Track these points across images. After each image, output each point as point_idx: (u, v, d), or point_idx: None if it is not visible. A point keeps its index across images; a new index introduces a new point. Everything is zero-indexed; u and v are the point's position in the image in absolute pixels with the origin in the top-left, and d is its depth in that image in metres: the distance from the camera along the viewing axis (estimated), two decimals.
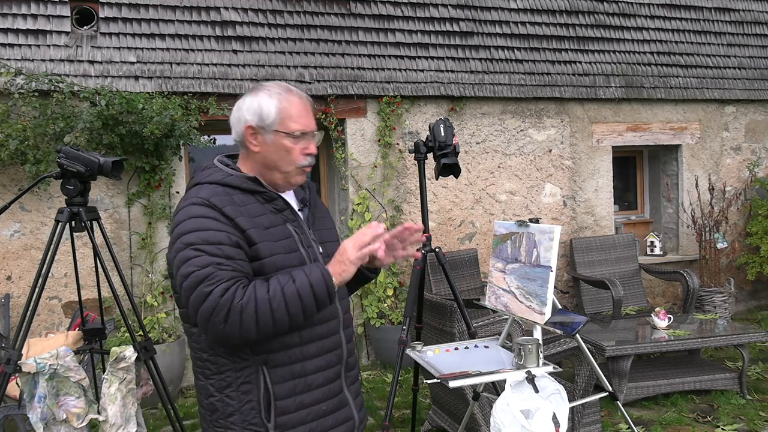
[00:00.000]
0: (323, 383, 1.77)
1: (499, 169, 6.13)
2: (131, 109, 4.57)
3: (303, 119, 1.76)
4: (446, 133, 3.34)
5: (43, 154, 4.55)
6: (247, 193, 1.74)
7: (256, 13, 5.33)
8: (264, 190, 1.76)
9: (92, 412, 2.91)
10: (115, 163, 2.94)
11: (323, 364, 1.77)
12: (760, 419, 4.11)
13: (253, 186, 1.74)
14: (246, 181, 1.74)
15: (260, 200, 1.75)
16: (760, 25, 7.11)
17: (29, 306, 2.88)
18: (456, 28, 5.90)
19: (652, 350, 4.42)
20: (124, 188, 5.01)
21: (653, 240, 6.76)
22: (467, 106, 5.99)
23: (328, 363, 1.79)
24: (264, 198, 1.75)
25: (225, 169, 1.77)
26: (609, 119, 6.53)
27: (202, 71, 5.15)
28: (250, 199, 1.73)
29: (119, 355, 2.91)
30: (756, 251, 6.62)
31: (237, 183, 1.73)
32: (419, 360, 2.38)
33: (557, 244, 2.13)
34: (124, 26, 4.99)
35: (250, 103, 1.75)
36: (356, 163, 5.65)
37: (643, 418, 4.19)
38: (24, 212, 4.80)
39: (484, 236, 6.04)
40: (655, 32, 6.66)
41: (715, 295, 6.15)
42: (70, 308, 4.86)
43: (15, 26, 4.72)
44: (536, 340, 2.12)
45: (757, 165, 7.06)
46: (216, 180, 1.74)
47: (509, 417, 1.96)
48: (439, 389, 3.87)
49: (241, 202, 1.70)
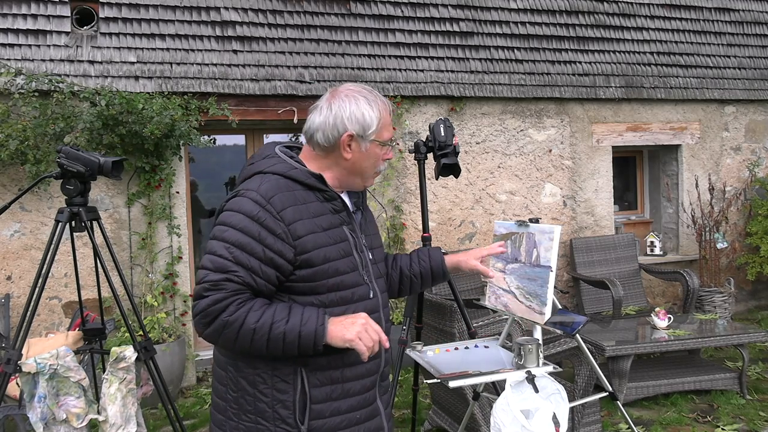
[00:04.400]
0: (360, 391, 1.76)
1: (499, 169, 6.13)
2: (131, 109, 4.57)
3: (391, 129, 1.82)
4: (446, 133, 3.33)
5: (43, 154, 4.55)
6: (309, 189, 1.71)
7: (256, 13, 5.33)
8: (326, 189, 1.73)
9: (92, 412, 2.91)
10: (115, 163, 2.94)
11: (362, 372, 1.76)
12: (760, 419, 4.11)
13: (315, 183, 1.72)
14: (309, 177, 1.71)
15: (320, 198, 1.72)
16: (760, 25, 7.11)
17: (29, 306, 2.88)
18: (456, 28, 5.90)
19: (652, 350, 4.42)
20: (124, 188, 5.01)
21: (653, 240, 6.76)
22: (467, 106, 5.99)
23: (368, 372, 1.78)
24: (324, 197, 1.73)
25: (289, 161, 1.75)
26: (609, 119, 6.53)
27: (202, 71, 5.15)
28: (311, 196, 1.71)
29: (119, 355, 2.91)
30: (756, 251, 6.62)
31: (301, 177, 1.71)
32: (419, 360, 2.38)
33: (557, 244, 2.13)
34: (124, 26, 4.99)
35: (353, 111, 1.72)
36: None
37: (643, 418, 4.19)
38: (24, 212, 4.80)
39: (484, 236, 6.04)
40: (655, 32, 6.66)
41: (715, 295, 6.15)
42: (70, 308, 4.86)
43: (15, 26, 4.73)
44: (536, 340, 2.12)
45: (757, 165, 7.06)
46: (280, 171, 1.71)
47: (509, 417, 1.96)
48: (439, 389, 3.87)
49: (303, 200, 1.69)
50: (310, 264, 1.65)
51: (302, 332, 1.59)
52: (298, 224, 1.64)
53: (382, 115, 1.75)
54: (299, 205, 1.67)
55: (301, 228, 1.64)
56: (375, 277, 1.84)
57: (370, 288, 1.80)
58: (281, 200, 1.64)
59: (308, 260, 1.65)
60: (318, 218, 1.69)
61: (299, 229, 1.64)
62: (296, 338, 1.59)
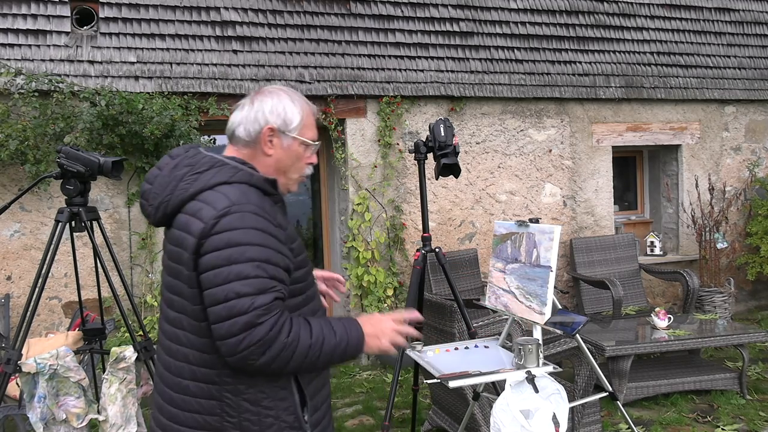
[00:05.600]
0: (330, 374, 1.84)
1: (499, 169, 6.13)
2: (131, 110, 4.57)
3: (315, 130, 1.79)
4: (446, 133, 3.34)
5: (43, 154, 4.55)
6: (265, 194, 1.68)
7: (256, 13, 5.33)
8: (277, 192, 1.72)
9: (92, 412, 2.91)
10: (115, 163, 2.94)
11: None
12: (760, 419, 4.11)
13: (270, 188, 1.68)
14: (265, 183, 1.67)
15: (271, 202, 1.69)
16: (760, 25, 7.11)
17: (29, 306, 2.88)
18: (456, 28, 5.90)
19: (652, 350, 4.42)
20: (124, 188, 5.01)
21: (653, 240, 6.76)
22: (467, 106, 5.99)
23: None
24: (274, 200, 1.71)
25: (245, 168, 1.68)
26: (609, 119, 6.53)
27: (202, 71, 5.15)
28: (268, 202, 1.68)
29: (119, 355, 2.91)
30: (756, 251, 6.62)
31: (260, 184, 1.66)
32: (419, 360, 2.38)
33: (557, 244, 2.13)
34: (124, 26, 4.99)
35: (274, 105, 1.71)
36: (356, 163, 5.65)
37: (643, 418, 4.19)
38: (24, 212, 4.80)
39: (484, 236, 6.04)
40: (655, 32, 6.66)
41: (715, 295, 6.15)
42: (70, 308, 4.86)
43: (15, 26, 4.72)
44: (536, 340, 2.13)
45: (757, 165, 7.06)
46: (245, 180, 1.64)
47: (509, 417, 1.96)
48: (439, 389, 3.87)
49: (269, 205, 1.66)
50: (301, 265, 1.69)
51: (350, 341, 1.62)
52: (289, 228, 1.68)
53: (304, 113, 1.74)
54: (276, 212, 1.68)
55: (291, 231, 1.68)
56: None
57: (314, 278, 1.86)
58: (268, 208, 1.63)
59: (302, 261, 1.70)
60: (282, 221, 1.70)
61: (290, 232, 1.67)
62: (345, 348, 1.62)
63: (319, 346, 1.57)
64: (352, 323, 1.65)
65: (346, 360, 1.64)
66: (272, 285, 1.53)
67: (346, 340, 1.61)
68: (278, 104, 1.71)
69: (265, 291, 1.51)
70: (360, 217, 5.61)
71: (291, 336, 1.52)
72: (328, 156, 5.89)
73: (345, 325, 1.64)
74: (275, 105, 1.71)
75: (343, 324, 1.64)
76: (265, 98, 1.72)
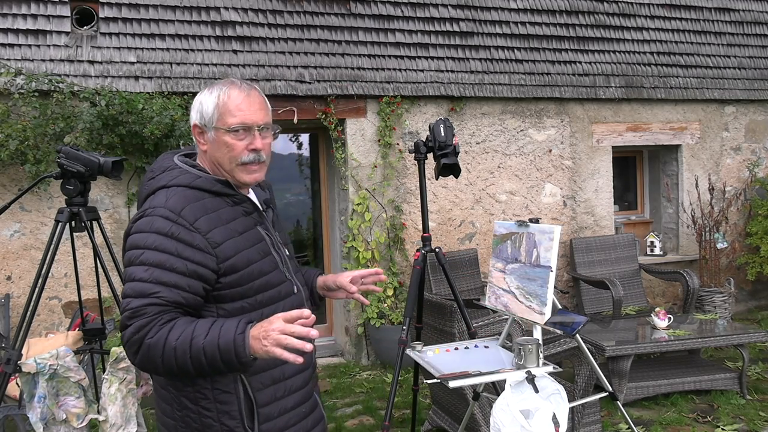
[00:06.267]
0: (302, 385, 1.77)
1: (499, 169, 6.13)
2: (131, 110, 4.57)
3: (243, 113, 1.67)
4: (446, 133, 3.34)
5: (43, 154, 4.55)
6: (216, 195, 1.67)
7: (256, 13, 5.33)
8: (234, 193, 1.70)
9: (92, 412, 2.91)
10: (115, 163, 2.94)
11: (301, 366, 1.71)
12: (760, 419, 4.11)
13: (222, 189, 1.68)
14: (216, 184, 1.68)
15: (230, 203, 1.69)
16: (760, 25, 7.11)
17: (29, 306, 2.88)
18: (456, 28, 5.90)
19: (652, 350, 4.42)
20: (124, 188, 5.01)
21: (653, 240, 6.76)
22: (467, 106, 5.99)
23: (305, 365, 1.75)
24: (233, 201, 1.70)
25: (192, 171, 1.69)
26: (609, 119, 6.53)
27: (202, 71, 5.15)
28: (221, 203, 1.67)
29: (119, 355, 2.91)
30: (756, 251, 6.62)
31: (207, 186, 1.66)
32: (419, 360, 2.38)
33: (557, 244, 2.13)
34: (124, 26, 4.98)
35: (195, 102, 1.73)
36: (356, 163, 5.65)
37: (643, 418, 4.19)
38: (24, 212, 4.80)
39: (484, 236, 6.04)
40: (655, 32, 6.66)
41: (715, 295, 6.15)
42: (70, 308, 4.86)
43: (15, 26, 4.72)
44: (536, 340, 2.13)
45: (757, 165, 7.06)
46: (185, 183, 1.65)
47: (509, 417, 1.96)
48: (439, 389, 3.87)
49: (213, 207, 1.64)
50: (234, 269, 1.62)
51: (221, 344, 1.48)
52: (215, 232, 1.61)
53: (220, 100, 1.67)
54: (210, 214, 1.63)
55: (218, 235, 1.61)
56: (293, 272, 1.83)
57: (293, 284, 1.80)
58: (192, 211, 1.60)
59: (232, 266, 1.62)
60: (232, 223, 1.66)
61: (216, 236, 1.61)
62: (216, 351, 1.48)
63: (187, 347, 1.49)
64: (232, 324, 1.51)
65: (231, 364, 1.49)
66: (153, 290, 1.52)
67: (216, 341, 1.48)
68: (197, 100, 1.73)
69: (143, 295, 1.52)
70: (360, 217, 5.61)
71: (155, 338, 1.50)
72: (328, 156, 5.89)
73: (224, 326, 1.51)
74: (196, 101, 1.73)
75: (222, 325, 1.51)
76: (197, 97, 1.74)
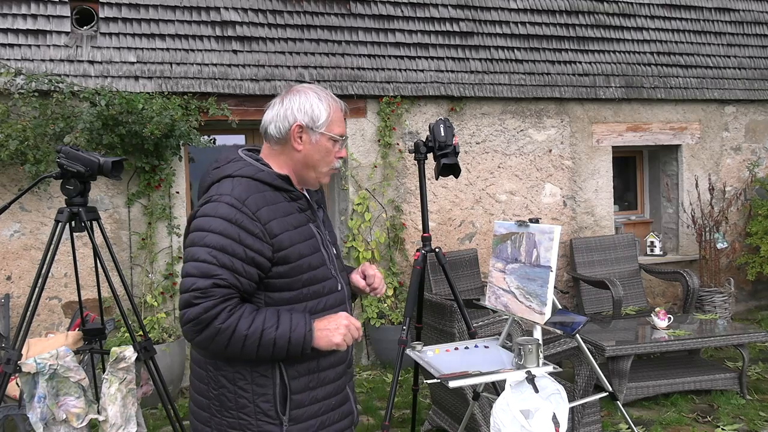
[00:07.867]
0: (334, 378, 1.86)
1: (499, 169, 6.13)
2: (131, 110, 4.57)
3: (342, 126, 1.87)
4: (446, 133, 3.33)
5: (43, 154, 4.54)
6: (276, 190, 1.78)
7: (256, 13, 5.33)
8: (292, 189, 1.81)
9: (92, 412, 2.91)
10: (115, 163, 2.94)
11: (336, 361, 1.85)
12: (760, 419, 4.11)
13: (283, 184, 1.79)
14: (276, 179, 1.78)
15: (287, 198, 1.79)
16: (760, 25, 7.11)
17: (29, 306, 2.88)
18: (456, 28, 5.90)
19: (652, 350, 4.42)
20: (124, 188, 5.01)
21: (653, 240, 6.76)
22: (467, 106, 5.99)
23: (339, 360, 1.87)
24: (291, 197, 1.80)
25: (255, 164, 1.80)
26: (609, 119, 6.53)
27: (202, 71, 5.15)
28: (279, 197, 1.78)
29: (119, 355, 2.91)
30: (756, 251, 6.62)
31: (268, 179, 1.77)
32: (419, 360, 2.38)
33: (557, 244, 2.14)
34: (124, 26, 4.98)
35: (302, 103, 1.81)
36: (356, 163, 5.65)
37: (643, 418, 4.19)
38: (24, 212, 4.80)
39: (484, 236, 6.04)
40: (655, 32, 6.66)
41: (715, 295, 6.15)
42: (70, 308, 4.86)
43: (15, 26, 4.72)
44: (536, 340, 2.12)
45: (757, 165, 7.06)
46: (249, 174, 1.76)
47: (509, 417, 1.96)
48: (439, 389, 3.87)
49: (273, 200, 1.75)
50: (286, 260, 1.73)
51: (292, 338, 1.67)
52: (273, 223, 1.71)
53: (331, 109, 1.82)
54: (270, 206, 1.73)
55: (276, 227, 1.71)
56: (339, 270, 1.93)
57: (338, 281, 1.89)
58: (255, 201, 1.71)
59: (285, 257, 1.72)
60: (288, 217, 1.76)
61: (275, 227, 1.71)
62: (286, 344, 1.67)
63: (257, 337, 1.64)
64: (301, 319, 1.71)
65: (294, 353, 1.69)
66: (217, 272, 1.64)
67: (288, 335, 1.67)
68: (306, 102, 1.81)
69: (207, 276, 1.63)
70: (360, 217, 5.61)
71: (226, 324, 1.62)
72: None
73: (293, 320, 1.69)
74: (303, 103, 1.81)
75: (291, 319, 1.69)
76: (294, 97, 1.82)
